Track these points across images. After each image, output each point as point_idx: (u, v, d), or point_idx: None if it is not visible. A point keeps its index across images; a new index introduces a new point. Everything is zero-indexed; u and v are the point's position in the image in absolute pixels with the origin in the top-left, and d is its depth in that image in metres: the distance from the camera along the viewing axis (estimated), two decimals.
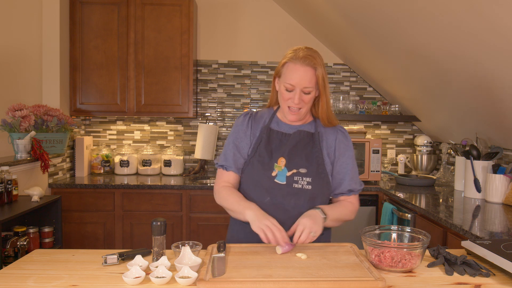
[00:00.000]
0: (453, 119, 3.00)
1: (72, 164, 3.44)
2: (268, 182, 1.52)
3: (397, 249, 1.21)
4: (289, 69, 1.47)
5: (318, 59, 1.48)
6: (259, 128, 1.60)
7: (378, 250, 1.22)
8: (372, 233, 1.37)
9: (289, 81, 1.47)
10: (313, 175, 1.53)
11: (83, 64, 3.34)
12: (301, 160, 1.54)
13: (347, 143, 1.63)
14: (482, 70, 2.16)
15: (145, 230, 3.08)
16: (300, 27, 3.72)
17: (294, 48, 1.51)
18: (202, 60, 3.73)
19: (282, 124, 1.61)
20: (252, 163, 1.55)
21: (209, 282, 1.10)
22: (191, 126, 3.76)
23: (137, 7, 3.33)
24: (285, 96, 1.50)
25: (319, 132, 1.59)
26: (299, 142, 1.56)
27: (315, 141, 1.57)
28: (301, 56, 1.46)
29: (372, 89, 3.81)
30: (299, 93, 1.47)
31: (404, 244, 1.31)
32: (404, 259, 1.20)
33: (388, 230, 1.41)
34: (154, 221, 1.30)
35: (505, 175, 2.38)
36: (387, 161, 3.73)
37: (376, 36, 2.80)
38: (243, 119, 1.63)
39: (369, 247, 1.26)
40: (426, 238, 1.28)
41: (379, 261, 1.22)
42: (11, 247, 2.18)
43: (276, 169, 1.53)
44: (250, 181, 1.55)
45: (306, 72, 1.45)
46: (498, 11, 1.68)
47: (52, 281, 1.14)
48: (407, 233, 1.37)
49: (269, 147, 1.55)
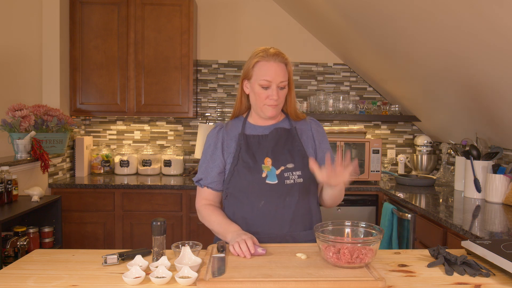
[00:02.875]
0: (453, 119, 3.00)
1: (72, 164, 3.44)
2: (260, 185, 1.51)
3: (358, 244, 1.19)
4: (263, 66, 1.50)
5: (286, 56, 1.54)
6: (233, 138, 1.59)
7: (334, 248, 1.20)
8: (326, 230, 1.34)
9: (264, 78, 1.49)
10: (301, 167, 1.54)
11: (83, 64, 3.34)
12: (285, 156, 1.55)
13: (321, 131, 1.67)
14: (482, 70, 2.16)
15: (145, 230, 3.08)
16: (300, 27, 3.72)
17: (261, 48, 1.54)
18: (202, 60, 3.74)
19: (257, 127, 1.61)
20: (238, 171, 1.54)
21: (209, 282, 1.10)
22: (191, 126, 3.76)
23: (137, 7, 3.33)
24: (262, 95, 1.51)
25: (295, 127, 1.62)
26: (279, 140, 1.57)
27: (294, 136, 1.59)
28: (272, 53, 1.51)
29: (372, 89, 3.81)
30: (275, 89, 1.51)
31: (359, 239, 1.29)
32: (361, 254, 1.19)
33: (342, 226, 1.38)
34: (154, 221, 1.30)
35: (505, 175, 2.38)
36: (387, 161, 3.73)
37: (376, 36, 2.80)
38: (213, 132, 1.64)
39: (323, 244, 1.23)
40: (379, 233, 1.27)
41: (338, 258, 1.19)
42: (11, 247, 2.18)
43: (265, 170, 1.53)
44: (240, 188, 1.54)
45: (279, 67, 1.50)
46: (498, 11, 1.68)
47: (52, 281, 1.14)
48: (361, 228, 1.35)
49: (250, 151, 1.55)
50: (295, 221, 1.53)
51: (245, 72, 1.56)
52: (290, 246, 1.42)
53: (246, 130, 1.61)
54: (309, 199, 1.57)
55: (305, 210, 1.56)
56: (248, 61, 1.55)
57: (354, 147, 3.37)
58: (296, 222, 1.53)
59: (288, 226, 1.52)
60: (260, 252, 1.33)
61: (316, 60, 3.77)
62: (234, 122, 1.66)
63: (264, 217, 1.51)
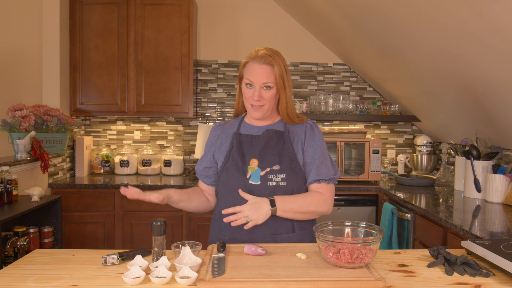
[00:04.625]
0: (453, 119, 3.00)
1: (72, 164, 3.44)
2: (243, 185, 1.54)
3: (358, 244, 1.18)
4: (249, 67, 1.56)
5: (276, 58, 1.54)
6: (228, 136, 1.65)
7: (334, 248, 1.20)
8: (326, 230, 1.34)
9: (248, 77, 1.55)
10: (287, 171, 1.55)
11: (83, 64, 3.34)
12: (273, 157, 1.56)
13: (313, 134, 1.63)
14: (482, 70, 2.16)
15: (145, 230, 3.08)
16: (300, 27, 3.72)
17: (256, 49, 1.59)
18: (202, 60, 3.73)
19: (251, 127, 1.65)
20: (227, 169, 1.59)
21: (209, 282, 1.10)
22: (191, 126, 3.76)
23: (137, 7, 3.33)
24: (247, 94, 1.57)
25: (289, 130, 1.63)
26: (269, 141, 1.59)
27: (285, 138, 1.61)
28: (259, 55, 1.54)
29: (372, 89, 3.81)
30: (258, 89, 1.54)
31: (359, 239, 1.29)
32: (361, 254, 1.19)
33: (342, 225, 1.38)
34: (154, 221, 1.30)
35: (505, 175, 2.38)
36: (387, 161, 3.73)
37: (376, 36, 2.80)
38: (212, 130, 1.72)
39: (323, 244, 1.22)
40: (379, 233, 1.27)
41: (338, 258, 1.19)
42: (11, 247, 2.18)
43: (250, 170, 1.55)
44: (226, 187, 1.59)
45: (263, 69, 1.53)
46: (498, 11, 1.68)
47: (52, 281, 1.14)
48: (361, 228, 1.35)
49: (241, 150, 1.59)
50: (278, 223, 1.53)
51: (240, 72, 1.62)
52: (290, 246, 1.42)
53: (241, 129, 1.65)
54: None
55: None
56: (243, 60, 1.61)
57: (354, 147, 3.37)
58: (278, 225, 1.53)
59: (269, 228, 1.52)
60: (260, 252, 1.33)
61: (316, 60, 3.77)
62: (233, 121, 1.72)
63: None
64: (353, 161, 3.40)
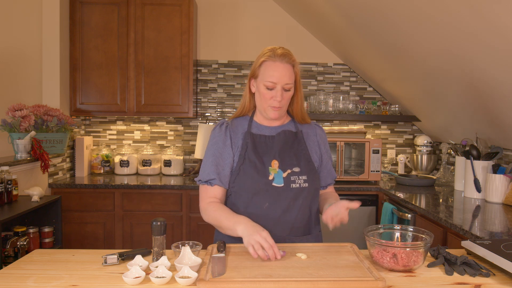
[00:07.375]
0: (453, 119, 3.00)
1: (72, 164, 3.44)
2: (266, 187, 1.49)
3: (411, 249, 1.21)
4: (269, 67, 1.48)
5: (294, 57, 1.51)
6: (239, 136, 1.56)
7: (392, 251, 1.22)
8: (375, 233, 1.37)
9: (270, 79, 1.47)
10: (307, 172, 1.54)
11: (83, 64, 3.34)
12: (292, 159, 1.54)
13: (325, 137, 1.68)
14: (482, 70, 2.16)
15: (145, 230, 3.08)
16: (300, 27, 3.72)
17: (269, 47, 1.52)
18: (202, 60, 3.73)
19: (262, 127, 1.59)
20: (244, 170, 1.51)
21: (209, 282, 1.10)
22: (191, 126, 3.76)
23: (137, 7, 3.33)
24: (267, 96, 1.50)
25: (301, 130, 1.62)
26: (285, 142, 1.57)
27: (300, 139, 1.59)
28: (279, 54, 1.48)
29: (372, 89, 3.81)
30: (281, 90, 1.48)
31: (408, 243, 1.31)
32: (415, 257, 1.21)
33: (391, 229, 1.40)
34: (154, 221, 1.30)
35: (505, 175, 2.38)
36: (387, 161, 3.73)
37: (376, 36, 2.80)
38: (219, 129, 1.59)
39: (377, 248, 1.24)
40: (429, 238, 1.28)
41: (395, 262, 1.21)
42: (11, 247, 2.18)
43: (272, 172, 1.51)
44: (246, 188, 1.50)
45: (286, 69, 1.48)
46: (498, 11, 1.68)
47: (52, 281, 1.14)
48: (410, 232, 1.36)
49: (257, 151, 1.53)
50: (296, 225, 1.53)
51: (252, 71, 1.54)
52: (290, 246, 1.42)
53: (252, 129, 1.59)
54: (310, 205, 1.57)
55: (306, 216, 1.56)
56: (256, 60, 1.53)
57: (354, 147, 3.37)
58: (296, 227, 1.53)
59: (289, 230, 1.52)
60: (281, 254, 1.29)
61: (316, 60, 3.77)
62: (239, 120, 1.62)
63: (267, 219, 1.49)
64: (353, 161, 3.40)
